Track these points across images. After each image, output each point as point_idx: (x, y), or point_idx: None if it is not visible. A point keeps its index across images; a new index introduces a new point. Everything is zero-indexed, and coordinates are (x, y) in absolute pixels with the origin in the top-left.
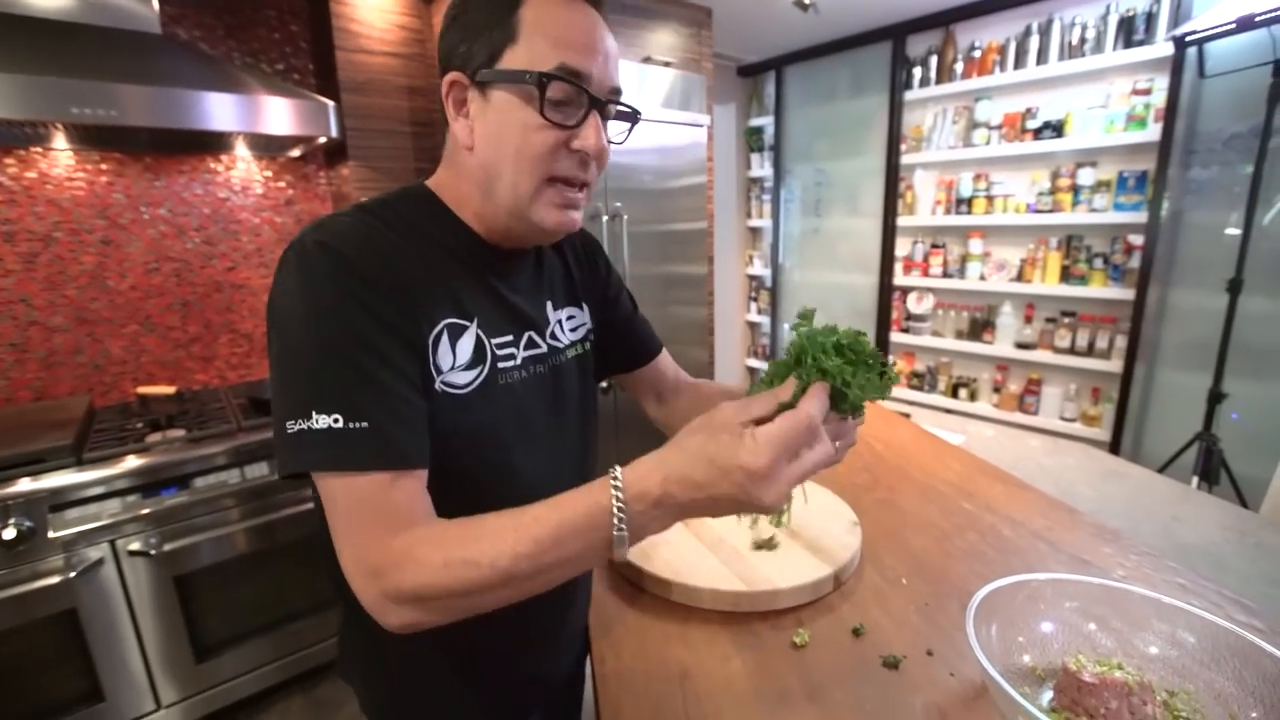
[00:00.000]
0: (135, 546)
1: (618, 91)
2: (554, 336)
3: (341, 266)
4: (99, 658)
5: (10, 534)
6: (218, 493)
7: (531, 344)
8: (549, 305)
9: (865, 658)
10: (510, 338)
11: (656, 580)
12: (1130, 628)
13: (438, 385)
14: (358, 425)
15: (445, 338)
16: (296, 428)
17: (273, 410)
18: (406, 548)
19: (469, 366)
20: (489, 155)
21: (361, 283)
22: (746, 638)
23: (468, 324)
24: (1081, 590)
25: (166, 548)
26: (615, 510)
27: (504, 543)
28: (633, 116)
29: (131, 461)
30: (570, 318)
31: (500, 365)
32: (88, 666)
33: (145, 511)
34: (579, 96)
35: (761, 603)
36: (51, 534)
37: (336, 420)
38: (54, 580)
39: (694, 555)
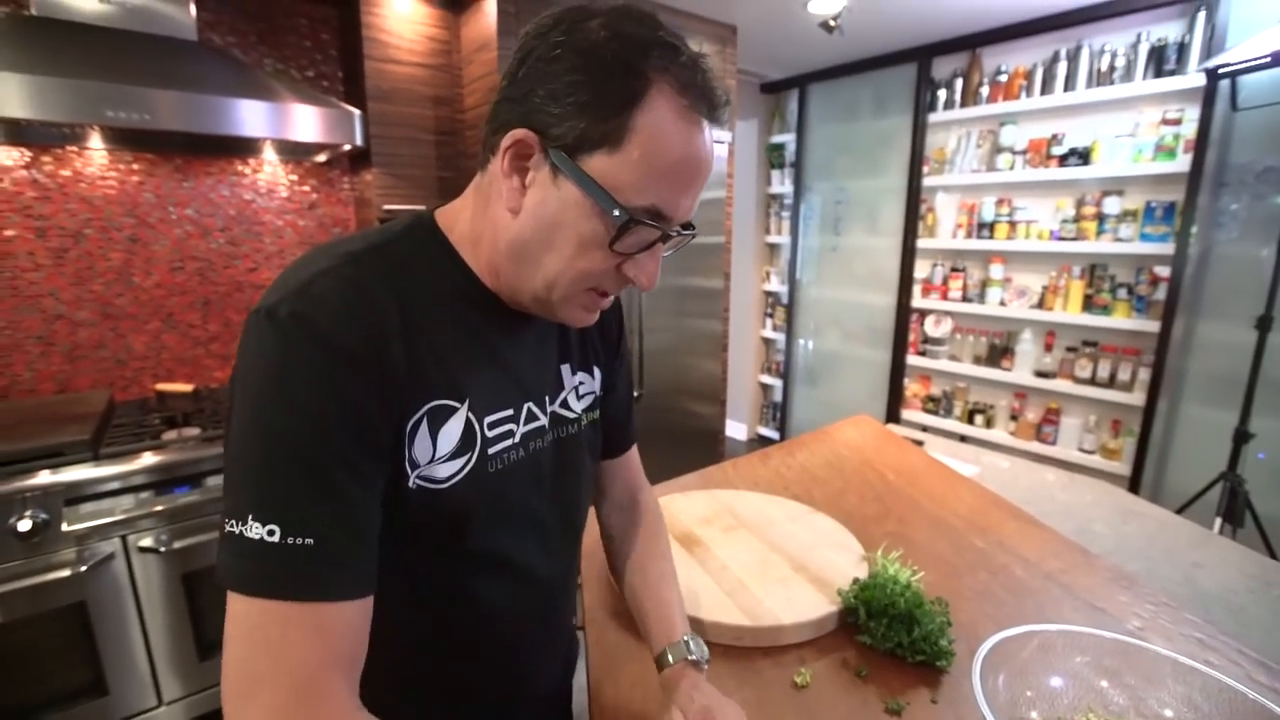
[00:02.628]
0: (146, 543)
1: (690, 225)
2: (565, 405)
3: (313, 341)
4: (105, 651)
5: (26, 526)
6: None
7: (531, 417)
8: (565, 368)
9: (868, 702)
10: (509, 412)
11: None
12: (1145, 685)
13: (412, 482)
14: (299, 541)
15: (425, 426)
16: (229, 529)
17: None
18: None
19: (454, 456)
20: (534, 237)
21: (335, 363)
22: (747, 674)
23: (458, 406)
24: (1095, 644)
25: (176, 545)
26: None
27: None
28: (691, 235)
29: (147, 458)
30: (580, 384)
31: (491, 450)
32: (93, 660)
33: (158, 508)
34: (652, 233)
35: (764, 638)
36: (65, 527)
37: (273, 532)
38: (65, 573)
39: (698, 584)
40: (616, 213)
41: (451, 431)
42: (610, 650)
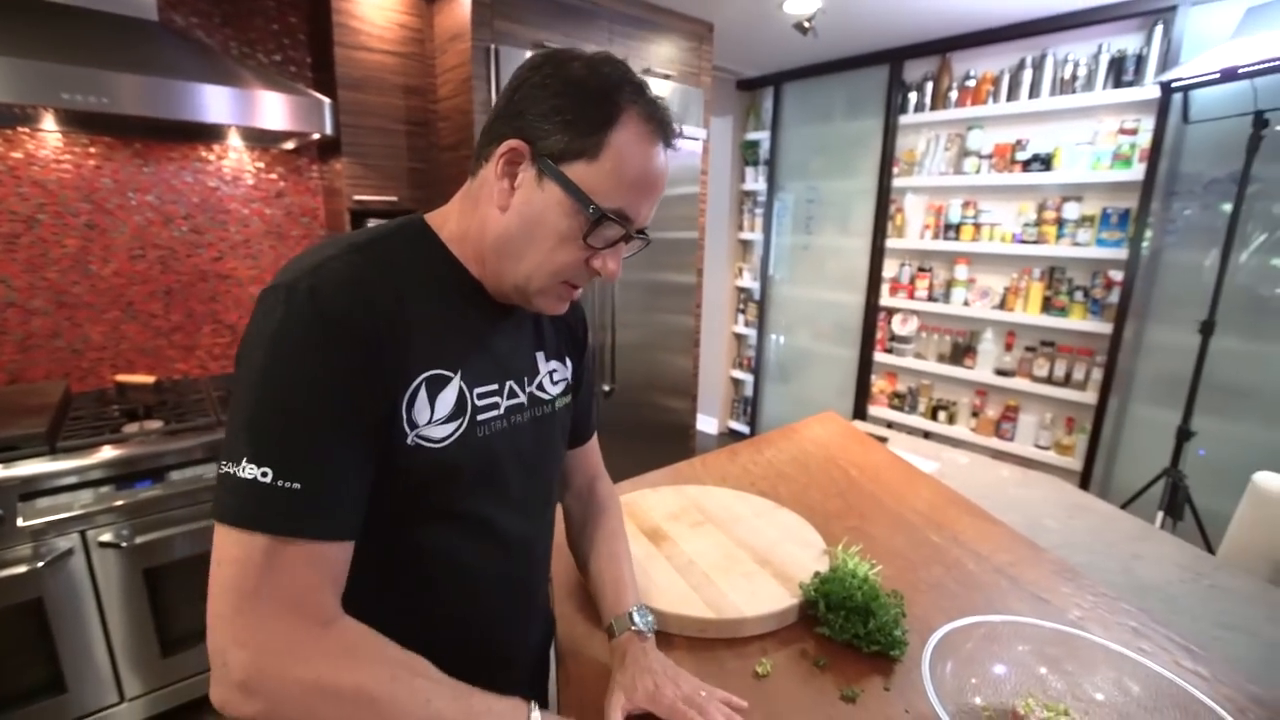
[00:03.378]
0: (106, 538)
1: (643, 232)
2: (541, 387)
3: (325, 313)
4: (63, 648)
5: None
6: (193, 486)
7: (512, 393)
8: (540, 355)
9: (824, 690)
10: (495, 386)
11: None
12: (1081, 671)
13: (410, 440)
14: (287, 484)
15: (424, 391)
16: (224, 469)
17: None
18: (297, 641)
19: (448, 419)
20: (518, 231)
21: (342, 332)
22: (711, 665)
23: (451, 375)
24: (1036, 633)
25: (138, 540)
26: None
27: (399, 697)
28: (646, 241)
29: (106, 452)
30: (554, 371)
31: (480, 417)
32: (51, 657)
33: (118, 503)
34: (618, 231)
35: (727, 630)
36: (21, 522)
37: (265, 474)
38: (21, 569)
39: (663, 578)
40: (591, 209)
41: (447, 398)
42: (578, 641)
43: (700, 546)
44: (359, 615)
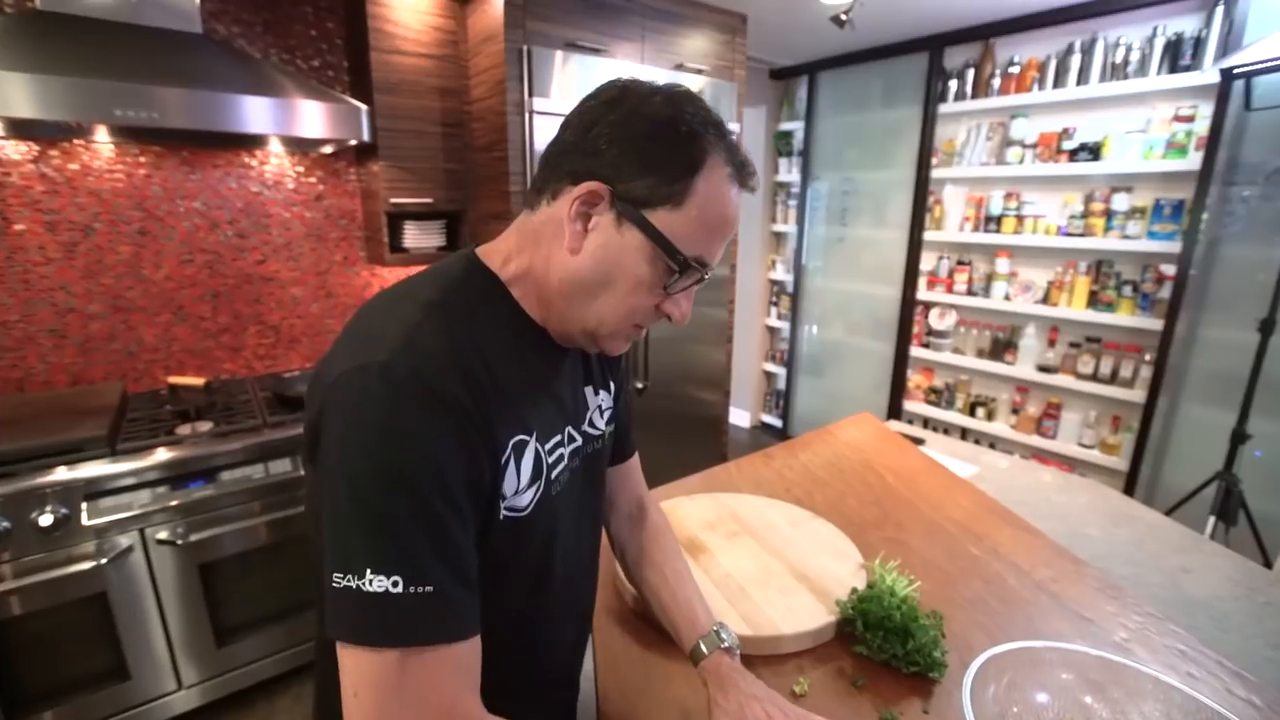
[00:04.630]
0: (163, 536)
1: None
2: (591, 423)
3: (434, 396)
4: (126, 639)
5: (47, 520)
6: (242, 486)
7: (570, 439)
8: (588, 390)
9: (862, 711)
10: (560, 437)
11: None
12: (1127, 699)
13: (502, 513)
14: (419, 589)
15: (513, 459)
16: (344, 583)
17: (325, 548)
18: None
19: (529, 484)
20: (591, 275)
21: (452, 415)
22: None
23: (528, 439)
24: (1080, 660)
25: (192, 538)
26: None
27: None
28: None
29: (162, 454)
30: (601, 403)
31: (553, 474)
32: (115, 646)
33: (173, 503)
34: (695, 276)
35: (765, 647)
36: (85, 521)
37: (396, 583)
38: (86, 565)
39: (703, 591)
40: (678, 258)
41: (528, 462)
42: (617, 656)
43: (737, 559)
44: None
